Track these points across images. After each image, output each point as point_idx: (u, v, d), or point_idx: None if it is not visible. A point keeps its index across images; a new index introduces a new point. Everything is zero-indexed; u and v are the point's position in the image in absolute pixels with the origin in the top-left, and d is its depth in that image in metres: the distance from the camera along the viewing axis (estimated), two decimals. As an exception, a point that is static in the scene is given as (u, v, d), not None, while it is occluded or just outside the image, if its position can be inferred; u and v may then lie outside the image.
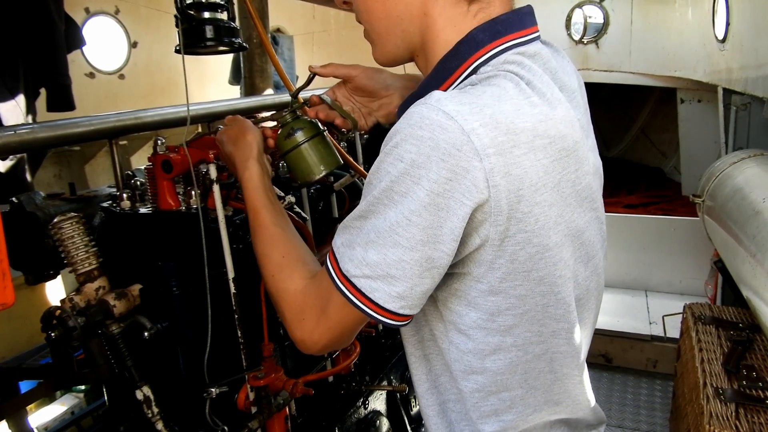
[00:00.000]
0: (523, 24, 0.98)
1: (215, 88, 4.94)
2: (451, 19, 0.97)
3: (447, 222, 0.84)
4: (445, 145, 0.81)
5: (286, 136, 1.24)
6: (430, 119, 0.83)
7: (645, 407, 3.97)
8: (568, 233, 0.94)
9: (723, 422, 2.04)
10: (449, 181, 0.82)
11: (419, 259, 0.86)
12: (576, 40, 5.62)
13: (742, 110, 3.74)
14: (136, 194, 1.54)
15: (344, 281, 0.91)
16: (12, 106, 2.50)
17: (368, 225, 0.89)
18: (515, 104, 0.86)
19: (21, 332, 2.96)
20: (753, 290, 2.49)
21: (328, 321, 0.96)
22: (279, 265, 1.07)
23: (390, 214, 0.85)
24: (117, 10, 4.42)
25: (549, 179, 0.88)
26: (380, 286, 0.88)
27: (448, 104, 0.83)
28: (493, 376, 0.99)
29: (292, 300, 1.02)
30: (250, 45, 2.72)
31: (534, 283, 0.92)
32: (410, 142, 0.84)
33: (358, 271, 0.89)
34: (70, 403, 3.07)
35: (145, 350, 1.45)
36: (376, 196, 0.88)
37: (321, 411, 1.82)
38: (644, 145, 7.71)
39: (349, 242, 0.91)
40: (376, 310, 0.90)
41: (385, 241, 0.86)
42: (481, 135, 0.81)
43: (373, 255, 0.87)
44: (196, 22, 1.59)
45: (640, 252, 5.16)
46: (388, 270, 0.87)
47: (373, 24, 1.04)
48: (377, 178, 0.89)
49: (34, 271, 1.61)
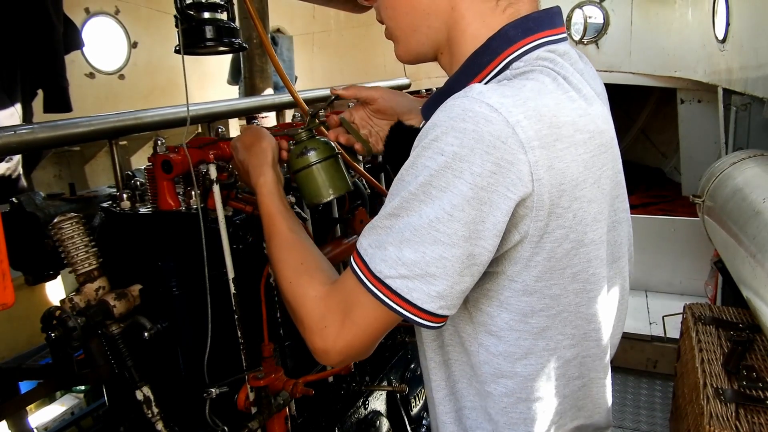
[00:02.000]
0: (554, 23, 0.97)
1: (215, 89, 4.94)
2: (480, 13, 0.95)
3: (490, 216, 0.81)
4: (489, 137, 0.79)
5: (299, 155, 1.22)
6: (473, 111, 0.80)
7: (645, 407, 3.97)
8: (604, 231, 0.93)
9: (723, 422, 2.04)
10: (493, 174, 0.79)
11: (460, 256, 0.82)
12: (576, 40, 5.63)
13: (742, 110, 3.74)
14: (136, 194, 1.54)
15: (376, 283, 0.86)
16: (9, 112, 2.50)
17: (401, 223, 0.84)
18: (556, 98, 0.85)
19: (21, 332, 2.96)
20: (753, 290, 2.49)
21: (354, 326, 0.90)
22: (297, 271, 1.02)
23: (428, 210, 0.82)
24: (117, 10, 4.42)
25: (590, 174, 0.87)
26: (418, 286, 0.84)
27: (491, 96, 0.81)
28: (524, 381, 0.96)
29: (312, 307, 0.95)
30: (250, 45, 2.72)
31: (568, 281, 0.91)
32: (452, 134, 0.81)
33: (393, 271, 0.84)
34: (70, 403, 3.07)
35: (145, 350, 1.45)
36: (412, 192, 0.84)
37: (321, 411, 1.82)
38: (644, 145, 7.72)
39: (379, 242, 0.87)
40: (413, 311, 0.85)
41: (424, 239, 0.82)
42: (525, 127, 0.80)
43: (410, 253, 0.83)
44: (195, 22, 1.59)
45: (640, 252, 5.13)
46: (426, 268, 0.83)
47: (397, 20, 1.02)
48: (412, 174, 0.85)
49: (34, 272, 1.61)
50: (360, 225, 1.79)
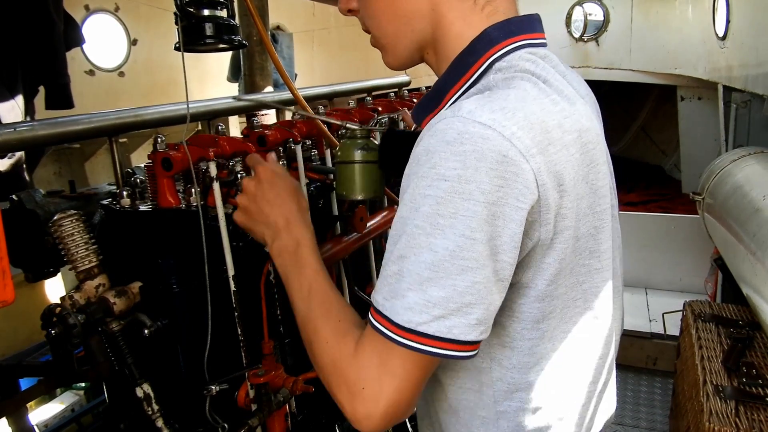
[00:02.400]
0: (534, 28, 0.98)
1: (215, 86, 4.94)
2: (461, 13, 0.97)
3: (506, 230, 0.80)
4: (491, 154, 0.78)
5: (351, 148, 1.23)
6: (468, 132, 0.80)
7: (645, 405, 3.98)
8: (593, 225, 0.94)
9: (723, 420, 2.04)
10: (501, 188, 0.79)
11: (489, 276, 0.81)
12: (576, 37, 5.62)
13: (742, 108, 3.75)
14: (136, 192, 1.54)
15: (406, 334, 0.81)
16: (10, 105, 2.50)
17: (413, 264, 0.81)
18: (540, 104, 0.86)
19: (21, 330, 2.96)
20: (753, 288, 2.50)
21: (395, 380, 0.84)
22: (335, 331, 0.95)
23: (442, 242, 0.79)
24: (117, 7, 4.41)
25: (581, 171, 0.89)
26: (457, 321, 0.80)
27: (481, 114, 0.81)
28: (537, 391, 0.95)
29: (347, 368, 0.88)
30: (250, 43, 2.72)
31: (568, 277, 0.91)
32: (452, 159, 0.79)
33: (425, 316, 0.80)
34: (70, 400, 3.07)
35: (145, 348, 1.45)
36: (418, 225, 0.81)
37: (321, 408, 1.82)
38: (644, 142, 7.73)
39: (395, 292, 0.82)
40: (455, 347, 0.81)
41: (449, 271, 0.79)
42: (521, 138, 0.80)
43: (437, 291, 0.79)
44: (195, 19, 1.59)
45: (641, 250, 5.16)
46: (462, 300, 0.80)
47: (382, 28, 1.02)
48: (411, 208, 0.82)
49: (34, 269, 1.61)
50: (360, 223, 1.79)
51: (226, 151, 1.50)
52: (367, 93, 2.95)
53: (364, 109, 2.05)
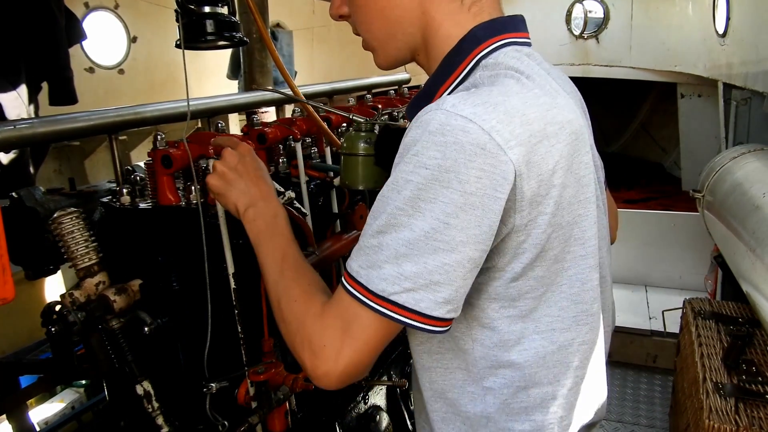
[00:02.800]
0: (518, 28, 1.03)
1: (214, 83, 4.93)
2: (449, 13, 1.00)
3: (485, 219, 0.85)
4: (470, 146, 0.83)
5: (357, 140, 1.27)
6: (450, 125, 0.85)
7: (644, 402, 3.98)
8: (578, 213, 0.97)
9: (722, 417, 2.04)
10: (479, 179, 0.83)
11: (461, 260, 0.86)
12: (576, 35, 5.62)
13: (742, 105, 3.74)
14: (135, 189, 1.54)
15: (379, 301, 0.88)
16: (14, 100, 2.49)
17: (391, 240, 0.87)
18: (522, 98, 0.90)
19: (21, 327, 2.96)
20: (753, 285, 2.50)
21: (354, 342, 0.90)
22: (304, 292, 1.01)
23: (420, 223, 0.85)
24: (116, 4, 4.40)
25: (563, 162, 0.91)
26: (425, 296, 0.86)
27: (463, 108, 0.85)
28: (521, 369, 0.99)
29: (311, 326, 0.95)
30: (250, 40, 2.72)
31: (550, 262, 0.95)
32: (433, 148, 0.85)
33: (396, 287, 0.86)
34: (70, 398, 3.07)
35: (146, 345, 1.45)
36: (398, 207, 0.87)
37: (321, 406, 1.82)
38: (644, 140, 7.73)
39: (372, 263, 0.89)
40: (421, 320, 0.88)
41: (422, 250, 0.85)
42: (500, 131, 0.84)
43: (410, 267, 0.86)
44: (196, 16, 1.58)
45: (640, 247, 5.17)
46: (430, 278, 0.86)
47: (373, 32, 1.06)
48: (395, 190, 0.88)
49: (34, 267, 1.61)
50: (360, 220, 1.79)
51: (226, 148, 1.50)
52: (367, 90, 2.94)
53: (364, 107, 2.04)
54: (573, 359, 1.02)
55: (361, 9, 1.05)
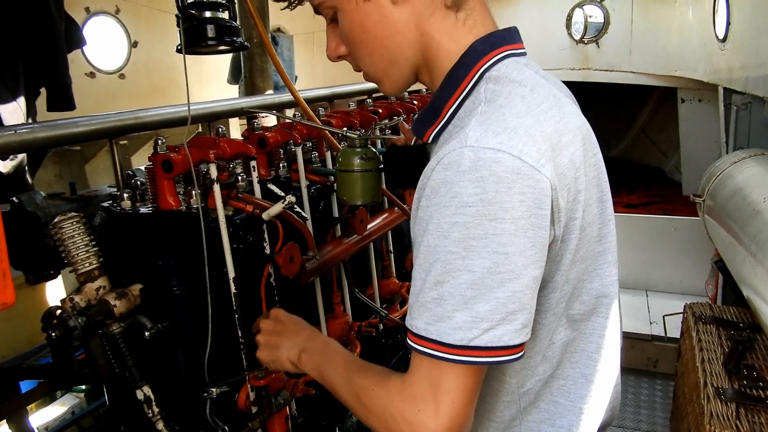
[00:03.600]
0: (514, 40, 1.05)
1: (213, 88, 4.93)
2: (446, 30, 1.02)
3: (538, 238, 0.87)
4: (506, 174, 0.84)
5: (351, 156, 1.28)
6: (481, 159, 0.85)
7: (645, 407, 3.97)
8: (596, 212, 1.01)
9: (723, 422, 2.04)
10: (523, 202, 0.85)
11: (528, 283, 0.87)
12: (576, 39, 5.62)
13: (742, 110, 3.74)
14: (136, 194, 1.54)
15: (460, 351, 0.87)
16: (12, 106, 2.50)
17: (453, 287, 0.87)
18: (534, 116, 0.92)
19: (21, 332, 2.96)
20: (753, 290, 2.49)
21: (449, 396, 0.89)
22: (376, 379, 1.00)
23: (479, 262, 0.85)
24: (117, 9, 4.42)
25: (581, 167, 0.95)
26: (505, 329, 0.87)
27: (488, 140, 0.86)
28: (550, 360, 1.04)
29: (398, 399, 0.93)
30: (251, 45, 2.72)
31: (578, 264, 0.99)
32: (471, 186, 0.85)
33: (475, 331, 0.86)
34: (70, 402, 3.07)
35: (146, 350, 1.45)
36: (451, 251, 0.86)
37: (321, 411, 1.82)
38: (645, 144, 7.72)
39: (439, 316, 0.88)
40: (505, 353, 0.88)
41: (490, 286, 0.85)
42: (529, 152, 0.86)
43: (483, 306, 0.86)
44: (197, 21, 1.59)
45: (641, 252, 5.16)
46: (505, 309, 0.86)
47: (376, 63, 1.07)
48: (440, 236, 0.88)
49: (35, 271, 1.61)
50: (360, 225, 1.79)
51: (226, 153, 1.50)
52: (368, 95, 2.95)
53: (365, 111, 2.05)
54: (592, 348, 1.07)
55: (361, 44, 1.05)
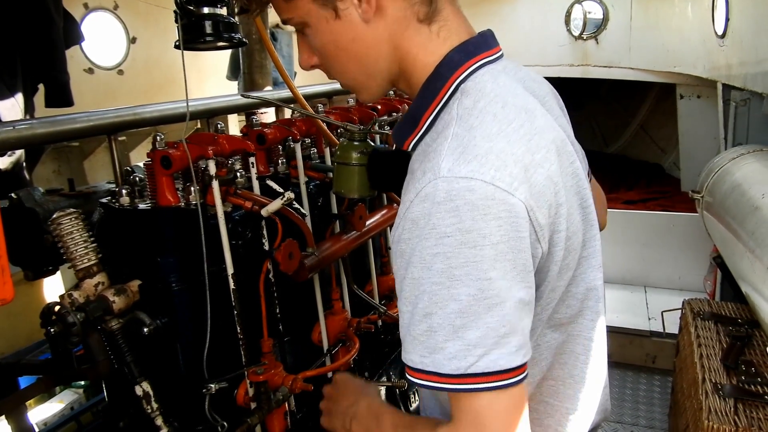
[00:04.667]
0: (489, 45, 1.06)
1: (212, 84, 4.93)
2: (420, 44, 1.03)
3: (519, 260, 0.88)
4: (480, 201, 0.86)
5: (350, 150, 1.28)
6: (454, 189, 0.87)
7: (644, 403, 3.98)
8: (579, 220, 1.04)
9: (722, 417, 2.04)
10: (500, 227, 0.86)
11: (515, 305, 0.88)
12: (575, 35, 5.61)
13: (741, 106, 3.74)
14: (135, 190, 1.54)
15: (457, 380, 0.88)
16: (10, 103, 2.49)
17: (441, 318, 0.87)
18: (505, 137, 0.93)
19: (20, 328, 2.96)
20: (752, 286, 2.50)
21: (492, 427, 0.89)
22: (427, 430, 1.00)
23: (464, 290, 0.86)
24: (116, 5, 4.40)
25: (558, 180, 0.96)
26: (500, 353, 0.87)
27: (459, 169, 0.88)
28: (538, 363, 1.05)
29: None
30: (250, 41, 2.72)
31: (564, 271, 1.01)
32: (448, 217, 0.86)
33: (470, 359, 0.86)
34: (69, 398, 3.06)
35: (145, 346, 1.45)
36: (435, 282, 0.87)
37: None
38: (643, 141, 7.71)
39: (432, 348, 0.89)
40: (504, 377, 0.87)
41: (477, 313, 0.86)
42: (502, 177, 0.87)
43: (473, 333, 0.86)
44: (195, 17, 1.58)
45: (639, 248, 5.16)
46: (497, 333, 0.86)
47: (352, 75, 1.09)
48: (423, 268, 0.88)
49: (34, 267, 1.61)
50: (359, 221, 1.79)
51: (225, 149, 1.50)
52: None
53: (364, 108, 2.04)
54: (580, 349, 1.09)
55: (335, 59, 1.07)
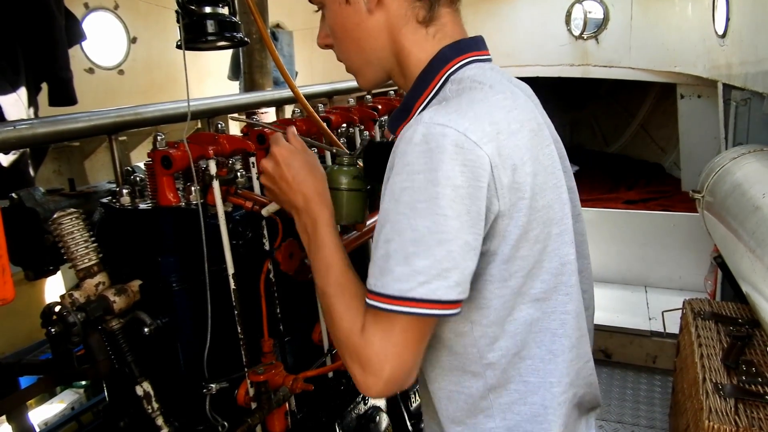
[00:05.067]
0: (479, 47, 1.18)
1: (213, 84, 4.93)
2: (416, 42, 1.16)
3: (473, 206, 0.97)
4: (450, 146, 0.96)
5: (338, 175, 1.29)
6: (431, 133, 0.97)
7: (644, 403, 3.98)
8: (550, 198, 1.09)
9: (722, 417, 2.04)
10: (463, 173, 0.96)
11: (462, 245, 0.96)
12: (576, 35, 5.61)
13: (742, 106, 3.73)
14: (135, 190, 1.54)
15: (398, 302, 0.96)
16: (14, 101, 2.49)
17: (398, 244, 0.97)
18: (487, 103, 1.05)
19: (21, 328, 2.96)
20: (752, 286, 2.50)
21: (395, 348, 0.99)
22: (347, 307, 1.07)
23: (421, 222, 0.95)
24: (116, 5, 4.40)
25: (530, 154, 1.05)
26: (439, 284, 0.95)
27: (439, 118, 0.99)
28: (513, 337, 1.09)
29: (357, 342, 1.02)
30: (250, 40, 2.72)
31: (531, 242, 1.06)
32: (421, 156, 0.97)
33: (412, 282, 0.95)
34: (70, 398, 3.07)
35: (145, 346, 1.45)
36: (399, 212, 0.97)
37: (321, 406, 1.83)
38: (644, 140, 7.71)
39: (384, 270, 0.98)
40: (440, 307, 0.96)
41: (429, 244, 0.95)
42: (473, 131, 0.98)
43: (421, 262, 0.95)
44: (196, 17, 1.58)
45: (640, 248, 5.16)
46: (440, 266, 0.95)
47: (352, 59, 1.23)
48: (393, 200, 0.99)
49: (34, 267, 1.61)
50: (359, 225, 1.79)
51: (225, 149, 1.50)
52: (367, 91, 2.94)
53: (364, 108, 2.04)
54: (556, 325, 1.12)
55: (341, 41, 1.21)
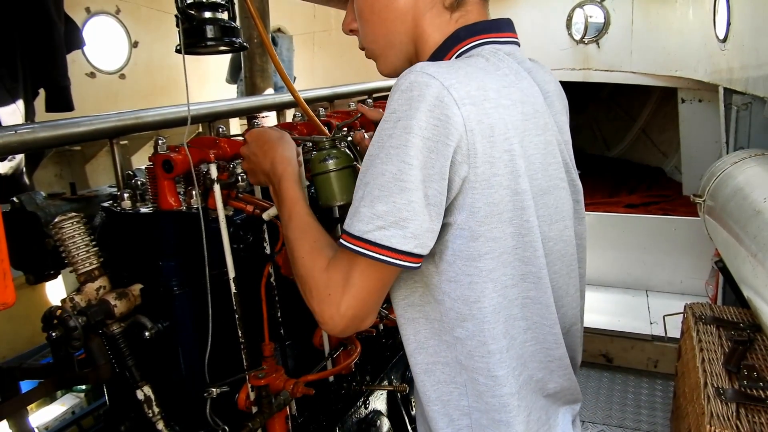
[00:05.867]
0: (500, 28, 1.17)
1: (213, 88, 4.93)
2: (438, 26, 1.16)
3: (437, 162, 0.97)
4: (430, 97, 0.96)
5: (321, 160, 1.30)
6: (417, 81, 0.98)
7: (646, 407, 3.97)
8: (532, 187, 1.07)
9: (724, 422, 2.04)
10: (435, 127, 0.96)
11: (422, 197, 0.97)
12: (577, 39, 5.62)
13: (743, 110, 3.74)
14: (136, 194, 1.54)
15: (359, 243, 0.99)
16: (11, 108, 2.49)
17: (371, 187, 0.99)
18: (484, 71, 1.05)
19: (22, 332, 2.96)
20: (754, 290, 2.49)
21: (353, 288, 1.02)
22: (310, 249, 1.13)
23: (390, 167, 0.97)
24: (118, 9, 4.42)
25: (515, 133, 1.03)
26: (395, 232, 0.97)
27: (429, 68, 0.99)
28: (480, 323, 1.07)
29: (318, 278, 1.07)
30: (251, 45, 2.72)
31: (505, 224, 1.04)
32: (402, 101, 0.98)
33: (370, 225, 0.98)
34: (70, 402, 3.07)
35: (146, 350, 1.45)
36: (377, 156, 0.99)
37: (322, 411, 1.82)
38: (645, 144, 7.71)
39: (354, 211, 1.01)
40: (395, 255, 0.98)
41: (392, 190, 0.97)
42: (458, 88, 0.97)
43: (381, 206, 0.97)
44: (196, 21, 1.59)
45: (641, 252, 5.16)
46: (399, 214, 0.97)
47: (377, 41, 1.22)
48: (375, 144, 1.01)
49: (35, 271, 1.61)
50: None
51: (226, 153, 1.50)
52: (368, 95, 2.95)
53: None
54: (518, 311, 1.11)
55: (368, 22, 1.21)
